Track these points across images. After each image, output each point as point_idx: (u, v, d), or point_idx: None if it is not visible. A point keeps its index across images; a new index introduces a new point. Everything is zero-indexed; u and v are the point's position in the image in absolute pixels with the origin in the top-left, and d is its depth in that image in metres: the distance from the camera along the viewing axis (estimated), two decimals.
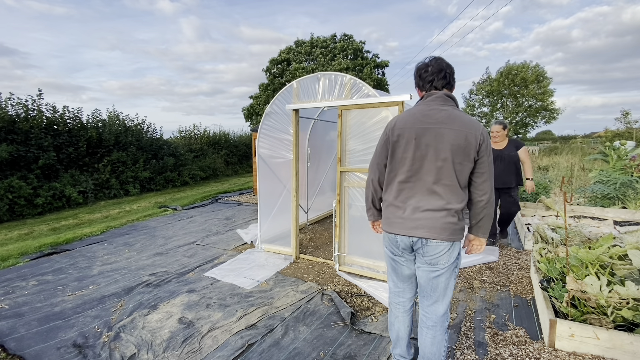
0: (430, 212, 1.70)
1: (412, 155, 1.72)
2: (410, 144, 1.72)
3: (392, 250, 1.88)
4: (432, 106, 1.74)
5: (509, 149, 4.28)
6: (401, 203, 1.77)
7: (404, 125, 1.74)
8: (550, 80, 28.20)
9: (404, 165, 1.75)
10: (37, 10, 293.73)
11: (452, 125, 1.67)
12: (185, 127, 15.84)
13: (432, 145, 1.68)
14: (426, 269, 1.78)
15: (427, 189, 1.71)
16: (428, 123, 1.70)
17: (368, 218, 2.03)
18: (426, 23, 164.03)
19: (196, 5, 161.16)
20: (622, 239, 2.94)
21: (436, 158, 1.68)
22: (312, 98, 3.92)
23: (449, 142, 1.66)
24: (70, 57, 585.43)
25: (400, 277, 1.94)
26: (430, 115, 1.71)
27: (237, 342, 2.50)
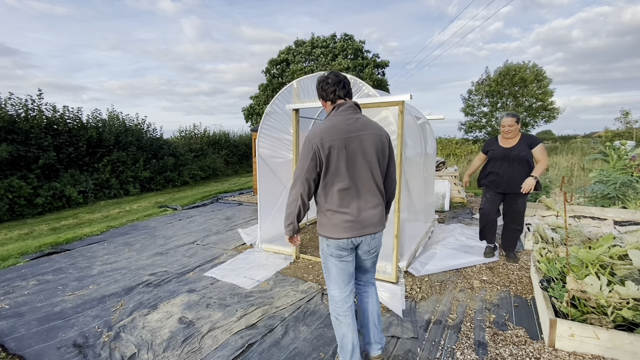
0: (372, 210, 1.95)
1: (346, 163, 1.87)
2: (341, 153, 1.85)
3: (341, 254, 1.98)
4: (348, 116, 1.94)
5: (520, 146, 3.61)
6: (346, 209, 1.90)
7: (331, 137, 1.86)
8: (550, 80, 28.20)
9: (340, 174, 1.87)
10: (39, 11, 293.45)
11: (369, 130, 1.93)
12: (186, 127, 15.87)
13: (359, 151, 1.88)
14: (372, 256, 2.09)
15: (365, 190, 1.92)
16: (350, 132, 1.89)
17: (287, 233, 2.05)
18: (427, 23, 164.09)
19: (197, 5, 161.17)
20: (622, 239, 2.94)
21: (365, 161, 1.90)
22: (313, 98, 3.92)
23: (372, 145, 1.91)
24: (70, 56, 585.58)
25: (347, 277, 2.04)
26: (349, 124, 1.90)
27: (237, 342, 2.50)
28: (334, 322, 2.06)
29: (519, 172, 3.56)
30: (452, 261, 3.96)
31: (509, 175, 3.62)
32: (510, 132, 3.60)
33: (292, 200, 1.94)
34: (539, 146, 3.55)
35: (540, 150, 3.55)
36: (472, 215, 6.43)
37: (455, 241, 4.72)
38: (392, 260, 3.48)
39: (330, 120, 1.94)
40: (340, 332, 2.03)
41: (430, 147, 5.34)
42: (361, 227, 1.93)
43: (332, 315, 2.06)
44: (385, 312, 2.90)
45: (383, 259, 3.57)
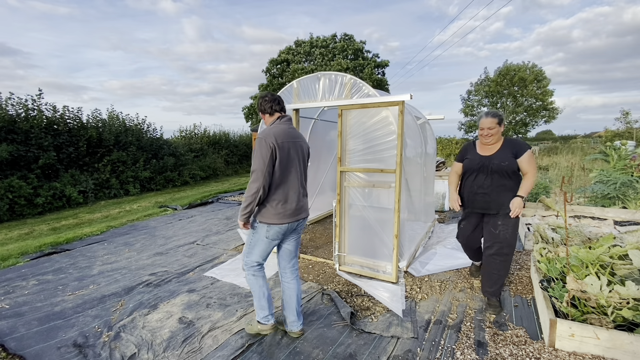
0: (304, 200, 2.50)
1: (289, 162, 2.36)
2: (289, 154, 2.35)
3: (277, 237, 2.42)
4: (290, 125, 2.46)
5: (502, 155, 2.78)
6: (288, 198, 2.37)
7: (283, 139, 2.33)
8: (549, 80, 28.20)
9: (286, 170, 2.35)
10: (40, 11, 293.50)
11: (301, 139, 2.50)
12: (186, 127, 15.87)
13: (297, 154, 2.42)
14: (297, 238, 2.58)
15: (299, 184, 2.44)
16: (292, 137, 2.41)
17: (243, 220, 2.35)
18: (427, 23, 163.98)
19: (198, 5, 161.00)
20: (623, 239, 2.94)
21: (299, 162, 2.44)
22: (313, 98, 3.92)
23: (303, 150, 2.48)
24: (70, 56, 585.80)
25: (267, 254, 2.52)
26: (291, 132, 2.42)
27: (238, 342, 2.50)
28: (250, 279, 2.52)
29: (500, 187, 2.77)
30: (452, 261, 3.96)
31: (486, 191, 2.82)
32: (490, 137, 2.80)
33: (254, 192, 2.26)
34: (527, 155, 2.72)
35: (528, 160, 2.72)
36: None
37: (455, 241, 4.72)
38: (392, 260, 3.48)
39: (278, 126, 2.41)
40: (257, 284, 2.51)
41: (430, 147, 5.35)
42: (297, 214, 2.42)
43: (249, 274, 2.51)
44: (386, 312, 2.90)
45: (383, 259, 3.58)
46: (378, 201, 3.56)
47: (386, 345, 2.45)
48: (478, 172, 2.87)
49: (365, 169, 3.57)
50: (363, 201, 3.64)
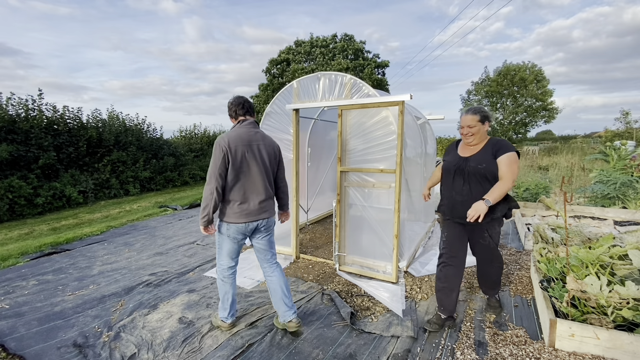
0: (264, 202, 2.51)
1: (248, 164, 2.42)
2: (244, 156, 2.40)
3: (237, 237, 2.50)
4: (250, 129, 2.49)
5: (481, 156, 2.45)
6: (247, 199, 2.44)
7: (237, 143, 2.39)
8: (549, 81, 28.20)
9: (242, 172, 2.41)
10: (41, 11, 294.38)
11: (265, 142, 2.52)
12: (186, 127, 15.87)
13: (257, 156, 2.45)
14: (266, 236, 2.62)
15: (259, 186, 2.47)
16: (251, 141, 2.44)
17: (202, 224, 2.41)
18: (428, 23, 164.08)
19: (199, 6, 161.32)
20: (622, 239, 2.94)
21: (261, 164, 2.47)
22: (313, 98, 3.92)
23: (265, 153, 2.49)
24: (70, 56, 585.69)
25: (235, 253, 2.60)
26: (250, 135, 2.46)
27: (238, 342, 2.50)
28: (219, 282, 2.63)
29: (478, 192, 2.41)
30: None
31: (465, 198, 2.47)
32: (471, 136, 2.47)
33: (209, 194, 2.34)
34: (507, 156, 2.36)
35: (507, 161, 2.35)
36: None
37: None
38: (392, 261, 3.48)
39: (236, 130, 2.47)
40: (223, 290, 2.63)
41: (430, 147, 5.35)
42: (258, 214, 2.48)
43: (219, 278, 2.62)
44: (386, 312, 2.90)
45: (383, 259, 3.58)
46: (378, 201, 3.56)
47: (386, 345, 2.45)
48: (455, 175, 2.55)
49: (365, 169, 3.57)
50: (363, 201, 3.64)
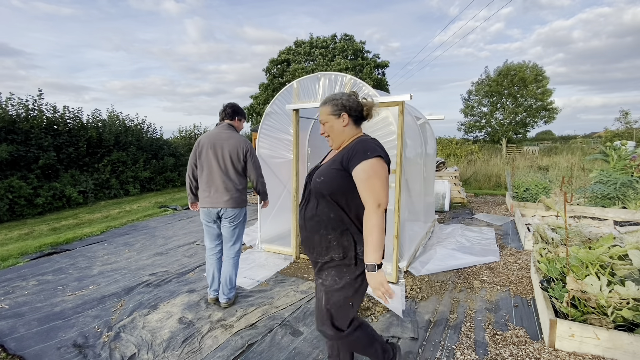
0: (223, 192, 2.84)
1: (210, 159, 2.84)
2: (208, 152, 2.84)
3: (206, 219, 2.94)
4: (220, 131, 2.90)
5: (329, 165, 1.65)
6: (207, 188, 2.87)
7: (204, 141, 2.87)
8: (549, 80, 28.19)
9: (205, 165, 2.86)
10: (44, 11, 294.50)
11: (230, 142, 2.85)
12: (186, 127, 15.88)
13: (219, 153, 2.83)
14: (230, 226, 2.93)
15: (218, 179, 2.83)
16: (217, 140, 2.85)
17: (189, 201, 3.11)
18: (428, 23, 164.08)
19: (201, 6, 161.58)
20: (622, 239, 2.94)
21: (221, 161, 2.84)
22: (313, 98, 3.92)
23: (228, 151, 2.83)
24: (70, 57, 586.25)
25: (212, 237, 3.01)
26: (217, 136, 2.87)
27: (237, 342, 2.50)
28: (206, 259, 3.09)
29: (313, 218, 1.64)
30: (452, 261, 3.96)
31: (302, 222, 1.73)
32: (327, 136, 1.77)
33: (186, 178, 3.01)
34: (360, 168, 1.50)
35: (362, 176, 1.50)
36: (472, 215, 6.44)
37: (455, 241, 4.72)
38: (392, 261, 3.48)
39: (210, 131, 2.95)
40: (207, 267, 3.08)
41: (430, 147, 5.35)
42: (215, 202, 2.84)
43: (206, 257, 3.09)
44: (386, 312, 2.90)
45: (383, 259, 3.57)
46: None
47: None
48: (304, 192, 1.77)
49: None
50: None
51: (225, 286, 2.99)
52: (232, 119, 2.99)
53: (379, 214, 1.49)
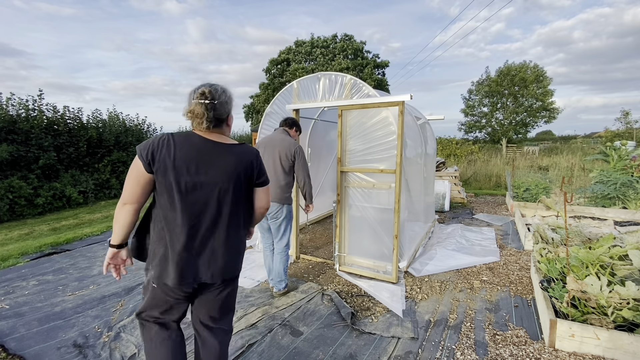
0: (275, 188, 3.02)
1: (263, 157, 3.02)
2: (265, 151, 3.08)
3: None
4: (277, 133, 3.18)
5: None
6: None
7: (262, 142, 3.17)
8: (550, 80, 28.18)
9: None
10: (46, 12, 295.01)
11: (282, 143, 3.07)
12: (186, 127, 15.86)
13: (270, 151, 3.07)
14: (271, 221, 3.12)
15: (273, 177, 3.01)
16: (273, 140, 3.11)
17: None
18: (429, 24, 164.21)
19: (202, 6, 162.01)
20: (623, 239, 2.94)
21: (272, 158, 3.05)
22: (313, 98, 3.92)
23: (278, 150, 3.05)
24: (71, 57, 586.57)
25: (264, 233, 3.25)
26: (275, 137, 3.14)
27: (238, 342, 2.50)
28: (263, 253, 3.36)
29: None
30: (452, 262, 3.96)
31: None
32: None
33: None
34: None
35: None
36: (472, 215, 6.43)
37: (455, 242, 4.72)
38: (392, 261, 3.48)
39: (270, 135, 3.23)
40: (264, 260, 3.33)
41: (430, 147, 5.35)
42: None
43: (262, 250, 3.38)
44: (386, 313, 2.90)
45: (383, 259, 3.58)
46: (378, 201, 3.56)
47: (386, 345, 2.45)
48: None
49: (365, 169, 3.57)
50: (363, 201, 3.64)
51: (275, 278, 3.20)
52: (291, 128, 3.27)
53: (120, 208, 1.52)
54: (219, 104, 1.51)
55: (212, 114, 1.49)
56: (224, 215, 1.52)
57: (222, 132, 1.59)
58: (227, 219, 1.53)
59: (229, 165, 1.50)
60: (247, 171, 1.57)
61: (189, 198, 1.46)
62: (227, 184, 1.50)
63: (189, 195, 1.46)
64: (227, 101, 1.55)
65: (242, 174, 1.55)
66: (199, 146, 1.50)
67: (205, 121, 1.49)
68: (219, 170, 1.49)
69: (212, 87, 1.52)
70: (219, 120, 1.55)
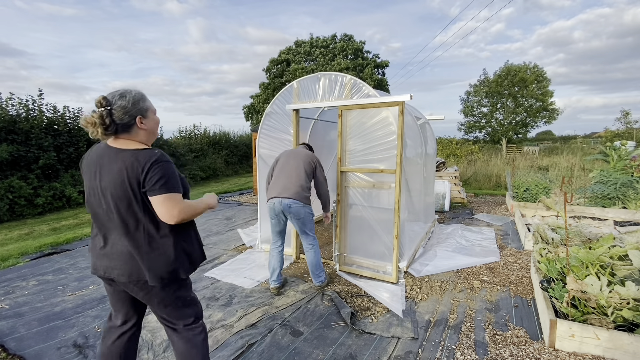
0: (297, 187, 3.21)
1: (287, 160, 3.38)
2: (288, 157, 3.38)
3: (271, 214, 3.28)
4: (300, 147, 3.58)
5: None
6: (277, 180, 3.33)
7: (284, 152, 3.49)
8: (549, 81, 28.19)
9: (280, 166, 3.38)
10: (47, 12, 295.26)
11: (306, 153, 3.40)
12: (186, 127, 15.86)
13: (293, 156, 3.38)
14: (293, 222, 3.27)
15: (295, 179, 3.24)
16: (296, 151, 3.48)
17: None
18: (429, 24, 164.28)
19: (203, 7, 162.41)
20: (623, 239, 2.94)
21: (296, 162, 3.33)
22: (313, 98, 3.92)
23: (302, 158, 3.34)
24: (71, 57, 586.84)
25: (275, 233, 3.35)
26: (298, 149, 3.52)
27: (238, 342, 2.50)
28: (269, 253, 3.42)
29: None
30: (452, 262, 3.96)
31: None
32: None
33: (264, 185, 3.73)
34: None
35: None
36: (472, 215, 6.43)
37: (455, 242, 4.72)
38: (392, 261, 3.48)
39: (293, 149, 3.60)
40: (269, 260, 3.37)
41: (430, 147, 5.35)
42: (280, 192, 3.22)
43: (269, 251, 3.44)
44: (386, 313, 2.90)
45: (383, 259, 3.58)
46: (378, 201, 3.56)
47: (386, 345, 2.45)
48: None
49: (365, 169, 3.57)
50: (363, 201, 3.64)
51: (313, 273, 3.37)
52: (310, 149, 3.69)
53: None
54: (117, 108, 1.49)
55: (109, 120, 1.49)
56: (116, 220, 1.53)
57: (131, 137, 1.56)
58: (119, 224, 1.53)
59: (114, 171, 1.50)
60: (135, 177, 1.47)
61: (91, 201, 1.57)
62: (116, 190, 1.49)
63: (91, 198, 1.57)
64: (126, 105, 1.51)
65: (127, 179, 1.48)
66: (101, 153, 1.56)
67: (99, 129, 1.49)
68: (109, 175, 1.50)
69: (110, 94, 1.53)
70: (125, 126, 1.52)
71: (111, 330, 1.82)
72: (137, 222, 1.53)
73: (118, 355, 1.78)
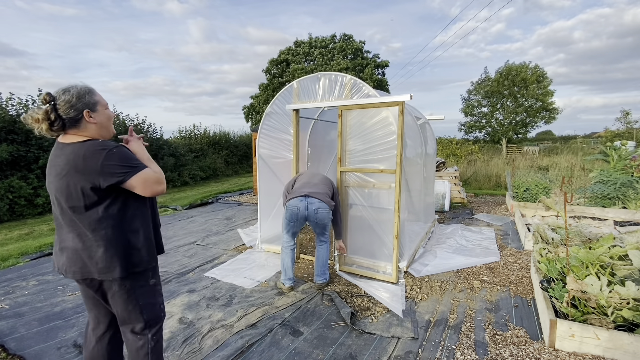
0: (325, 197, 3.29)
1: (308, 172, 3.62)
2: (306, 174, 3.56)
3: (290, 218, 3.28)
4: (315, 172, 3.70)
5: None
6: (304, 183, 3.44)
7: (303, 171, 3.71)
8: (550, 81, 28.18)
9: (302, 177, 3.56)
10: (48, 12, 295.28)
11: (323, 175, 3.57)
12: (186, 127, 15.86)
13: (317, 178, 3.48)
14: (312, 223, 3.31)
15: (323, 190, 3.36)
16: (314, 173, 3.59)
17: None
18: (429, 24, 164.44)
19: (204, 7, 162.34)
20: (623, 239, 2.94)
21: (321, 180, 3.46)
22: (313, 98, 3.92)
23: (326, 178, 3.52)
24: (71, 57, 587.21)
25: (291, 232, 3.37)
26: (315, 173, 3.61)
27: (238, 342, 2.50)
28: (281, 250, 3.43)
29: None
30: (452, 262, 3.96)
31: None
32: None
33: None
34: None
35: None
36: (472, 215, 6.43)
37: (455, 242, 4.72)
38: (392, 261, 3.48)
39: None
40: (282, 257, 3.41)
41: (430, 147, 5.35)
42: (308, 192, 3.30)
43: (282, 247, 3.42)
44: (386, 313, 2.90)
45: (383, 260, 3.58)
46: (378, 201, 3.56)
47: (386, 345, 2.45)
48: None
49: (365, 169, 3.57)
50: (363, 201, 3.64)
51: (320, 269, 3.42)
52: None
53: None
54: (61, 103, 1.49)
55: (54, 115, 1.48)
56: (62, 216, 1.54)
57: (79, 132, 1.54)
58: (66, 220, 1.53)
59: (59, 166, 1.50)
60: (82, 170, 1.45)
61: (51, 198, 1.60)
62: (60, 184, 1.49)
63: (51, 196, 1.60)
64: (70, 99, 1.50)
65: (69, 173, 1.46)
66: (54, 150, 1.57)
67: (44, 125, 1.49)
68: (55, 170, 1.52)
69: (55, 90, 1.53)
70: (73, 120, 1.51)
71: (89, 335, 1.78)
72: (80, 217, 1.51)
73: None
